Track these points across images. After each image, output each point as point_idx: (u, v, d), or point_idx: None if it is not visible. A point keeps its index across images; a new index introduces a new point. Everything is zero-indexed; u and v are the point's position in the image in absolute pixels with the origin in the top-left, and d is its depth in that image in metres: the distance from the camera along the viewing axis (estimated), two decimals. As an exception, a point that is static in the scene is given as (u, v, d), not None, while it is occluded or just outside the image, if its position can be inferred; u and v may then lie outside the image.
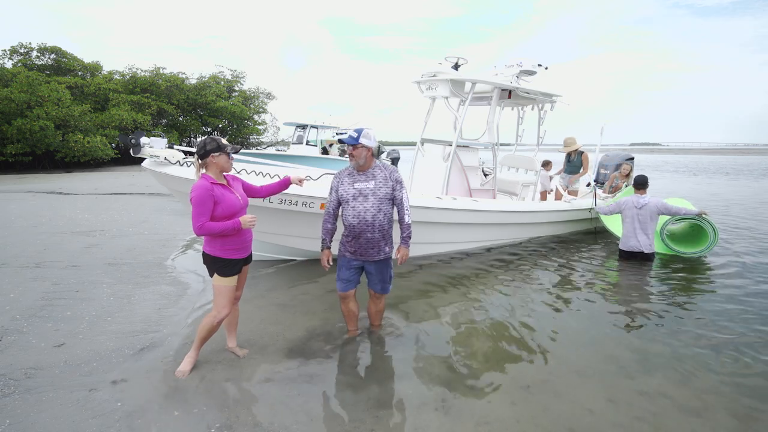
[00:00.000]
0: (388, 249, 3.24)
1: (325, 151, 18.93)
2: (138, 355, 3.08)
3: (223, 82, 29.93)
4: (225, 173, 2.82)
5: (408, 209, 3.17)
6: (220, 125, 29.04)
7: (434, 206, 5.37)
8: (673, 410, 2.62)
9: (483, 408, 2.59)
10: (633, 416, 2.54)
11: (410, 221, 3.18)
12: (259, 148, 28.38)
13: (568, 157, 8.05)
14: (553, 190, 8.11)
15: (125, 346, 3.20)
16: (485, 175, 7.32)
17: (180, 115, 27.06)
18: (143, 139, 3.97)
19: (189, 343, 3.19)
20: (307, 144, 19.17)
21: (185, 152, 4.47)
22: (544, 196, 7.92)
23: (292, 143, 19.84)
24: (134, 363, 2.97)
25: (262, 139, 33.03)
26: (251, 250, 2.97)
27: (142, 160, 4.18)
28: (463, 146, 6.40)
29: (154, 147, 4.11)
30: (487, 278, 5.05)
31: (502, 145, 7.74)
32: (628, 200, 5.78)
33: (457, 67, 6.20)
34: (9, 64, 22.20)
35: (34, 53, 23.17)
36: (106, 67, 27.62)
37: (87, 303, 3.97)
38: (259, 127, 31.91)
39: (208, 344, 3.05)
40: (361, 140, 3.00)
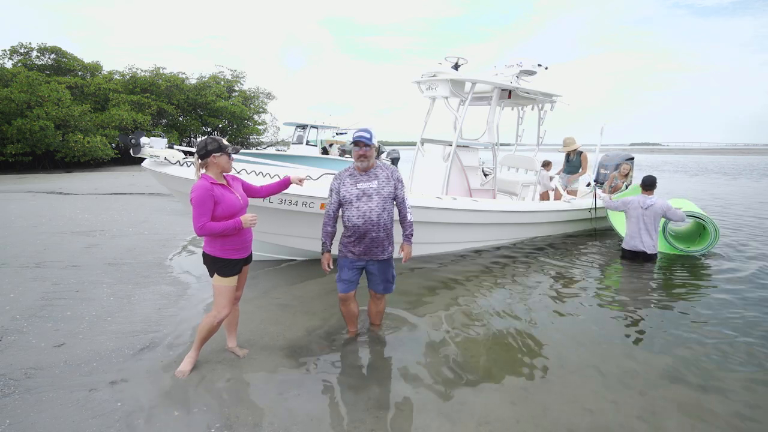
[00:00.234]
0: (390, 248, 3.27)
1: (325, 151, 18.93)
2: (138, 355, 3.08)
3: (223, 82, 29.92)
4: (225, 173, 2.82)
5: (409, 207, 3.27)
6: (220, 125, 29.02)
7: (434, 206, 5.37)
8: (673, 410, 2.62)
9: (483, 408, 2.59)
10: (633, 416, 2.55)
11: (412, 219, 3.28)
12: (259, 148, 28.37)
13: (568, 157, 8.07)
14: (554, 189, 8.11)
15: (125, 346, 3.20)
16: (485, 175, 7.32)
17: (180, 115, 27.04)
18: (143, 139, 3.97)
19: (189, 343, 3.19)
20: (307, 144, 19.18)
21: (185, 152, 4.48)
22: (545, 196, 7.92)
23: (292, 143, 19.85)
24: (134, 363, 2.97)
25: (262, 139, 33.02)
26: (251, 250, 2.97)
27: (142, 160, 4.18)
28: (463, 146, 6.40)
29: (154, 147, 4.11)
30: (487, 278, 5.05)
31: (502, 145, 7.74)
32: (634, 200, 5.78)
33: (457, 67, 6.21)
34: (9, 64, 22.21)
35: (34, 53, 23.17)
36: (106, 67, 27.69)
37: (87, 303, 3.97)
38: (259, 127, 31.89)
39: (208, 344, 3.05)
40: (373, 140, 3.07)
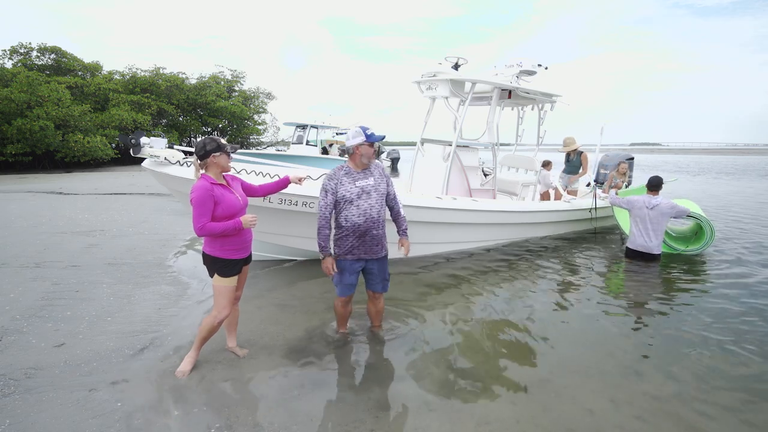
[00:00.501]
0: (386, 245, 3.29)
1: (325, 151, 18.94)
2: (138, 355, 3.08)
3: (223, 82, 29.91)
4: (224, 173, 2.82)
5: (400, 202, 3.33)
6: (220, 125, 29.03)
7: (434, 206, 5.37)
8: (673, 410, 2.61)
9: (483, 408, 2.59)
10: (633, 416, 2.55)
11: (404, 213, 3.37)
12: (259, 148, 28.39)
13: (568, 157, 8.06)
14: (554, 188, 8.10)
15: (125, 346, 3.20)
16: (485, 175, 7.32)
17: (180, 115, 27.04)
18: (143, 139, 3.97)
19: (189, 343, 3.19)
20: (307, 144, 19.19)
21: (185, 152, 4.48)
22: (546, 196, 7.92)
23: (292, 143, 19.87)
24: (134, 363, 2.97)
25: (262, 139, 33.02)
26: (251, 250, 2.97)
27: (142, 160, 4.18)
28: (463, 146, 6.40)
29: (154, 147, 4.11)
30: (487, 278, 5.04)
31: (502, 145, 7.74)
32: (639, 199, 5.78)
33: (457, 67, 6.21)
34: (9, 64, 22.21)
35: (34, 53, 23.17)
36: (106, 67, 27.66)
37: (87, 303, 3.97)
38: (259, 127, 31.91)
39: (208, 344, 3.05)
40: None
